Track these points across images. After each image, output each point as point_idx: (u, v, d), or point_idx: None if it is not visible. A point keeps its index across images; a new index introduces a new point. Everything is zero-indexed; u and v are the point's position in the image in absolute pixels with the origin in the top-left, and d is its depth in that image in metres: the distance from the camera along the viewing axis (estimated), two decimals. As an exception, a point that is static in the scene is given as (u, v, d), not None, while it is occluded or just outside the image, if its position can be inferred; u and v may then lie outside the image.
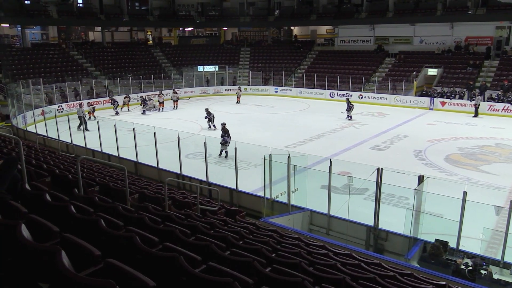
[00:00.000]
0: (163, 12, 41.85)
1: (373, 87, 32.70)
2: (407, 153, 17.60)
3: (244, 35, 47.12)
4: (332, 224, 10.23)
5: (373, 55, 36.79)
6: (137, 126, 15.28)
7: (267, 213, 10.83)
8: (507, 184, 13.81)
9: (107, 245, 3.53)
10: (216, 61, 39.35)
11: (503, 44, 32.08)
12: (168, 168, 14.04)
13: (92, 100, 28.64)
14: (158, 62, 38.95)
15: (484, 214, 9.54)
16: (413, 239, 8.98)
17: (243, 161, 15.15)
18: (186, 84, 36.22)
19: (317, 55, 39.63)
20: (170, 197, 8.59)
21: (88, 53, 35.89)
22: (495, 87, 28.37)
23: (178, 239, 4.41)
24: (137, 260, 3.35)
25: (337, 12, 39.41)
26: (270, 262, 4.44)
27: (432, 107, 28.54)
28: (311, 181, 11.24)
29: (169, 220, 5.50)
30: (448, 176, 14.58)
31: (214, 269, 3.43)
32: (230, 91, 35.98)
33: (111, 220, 4.22)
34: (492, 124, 23.27)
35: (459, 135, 20.68)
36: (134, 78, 32.72)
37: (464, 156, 17.25)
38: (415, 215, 9.03)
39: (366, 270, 5.38)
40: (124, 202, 6.70)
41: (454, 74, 31.36)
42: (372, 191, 10.38)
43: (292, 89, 35.48)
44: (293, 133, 21.18)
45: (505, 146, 18.90)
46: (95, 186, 7.73)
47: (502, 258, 7.97)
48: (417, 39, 35.63)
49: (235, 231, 6.03)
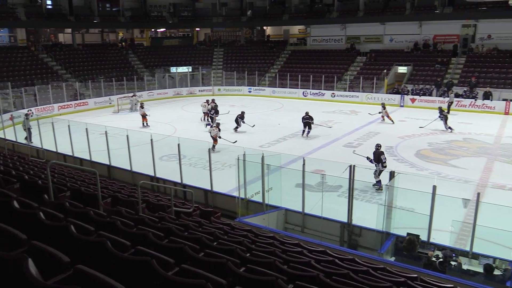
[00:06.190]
0: (135, 13, 41.31)
1: (345, 86, 33.16)
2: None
3: (217, 35, 46.99)
4: (307, 222, 10.35)
5: (345, 54, 37.31)
6: (109, 129, 15.06)
7: (242, 213, 10.86)
8: (474, 177, 14.25)
9: (77, 251, 3.48)
10: (189, 62, 39.14)
11: (469, 42, 33.08)
12: (142, 171, 13.89)
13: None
14: (130, 64, 38.43)
15: (453, 207, 9.84)
16: (385, 233, 9.18)
17: (218, 161, 15.15)
18: (159, 85, 35.85)
19: (290, 54, 39.91)
20: (143, 200, 8.51)
21: (58, 56, 35.08)
22: (462, 84, 29.22)
23: (151, 243, 4.39)
24: (109, 266, 3.32)
25: (309, 12, 39.79)
26: (244, 262, 4.47)
27: (402, 104, 29.18)
28: (285, 180, 11.33)
29: (142, 224, 5.46)
30: (419, 171, 14.94)
31: (188, 271, 3.43)
32: (204, 92, 35.87)
33: (82, 226, 4.17)
34: (460, 120, 23.94)
35: (429, 131, 21.19)
36: (106, 81, 32.18)
37: (433, 151, 17.70)
38: (387, 210, 9.24)
39: (340, 266, 5.47)
40: (97, 207, 6.60)
41: (423, 71, 32.17)
42: (345, 188, 10.54)
43: (266, 89, 35.63)
44: (267, 133, 21.26)
45: (472, 140, 19.49)
46: (66, 191, 7.58)
47: (470, 249, 8.23)
48: (387, 38, 36.35)
49: (210, 232, 6.04)
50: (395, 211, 9.48)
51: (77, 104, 29.20)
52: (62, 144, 16.51)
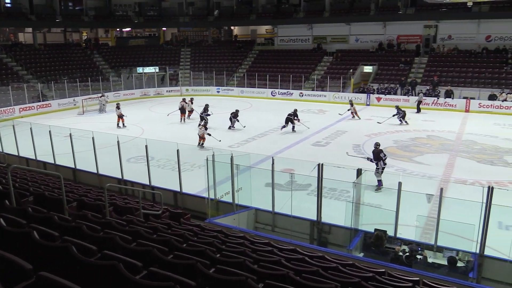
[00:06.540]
0: (99, 13, 40.41)
1: (313, 85, 33.56)
2: (346, 148, 18.21)
3: (184, 35, 46.58)
4: (277, 221, 10.39)
5: (312, 54, 37.74)
6: (74, 131, 14.66)
7: (212, 214, 10.80)
8: (438, 173, 14.72)
9: (41, 258, 3.38)
10: (156, 62, 38.61)
11: (431, 42, 34.17)
12: (109, 174, 13.58)
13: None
14: (95, 64, 37.56)
15: (418, 202, 10.11)
16: (354, 230, 9.33)
17: (187, 162, 15.01)
18: (125, 86, 35.19)
19: (257, 54, 40.02)
20: (111, 203, 8.33)
21: (19, 56, 33.88)
22: (425, 83, 30.12)
23: (119, 246, 4.30)
24: (74, 271, 3.23)
25: (276, 12, 40.04)
26: (214, 263, 4.45)
27: (368, 102, 29.79)
28: (255, 180, 11.34)
29: (109, 227, 5.35)
30: (385, 168, 15.25)
31: (156, 274, 3.38)
32: (171, 93, 35.49)
33: (46, 231, 4.04)
34: (423, 118, 24.66)
35: (394, 129, 21.73)
36: (70, 81, 31.31)
37: (399, 148, 18.16)
38: (355, 207, 9.39)
39: (310, 264, 5.53)
40: (61, 212, 6.42)
41: (388, 71, 32.96)
42: (314, 187, 10.65)
43: (234, 89, 35.61)
44: (236, 133, 21.26)
45: (435, 137, 20.12)
46: (29, 196, 7.33)
47: (435, 243, 8.49)
48: (353, 38, 37.03)
49: (179, 234, 5.98)
50: (363, 208, 9.66)
51: (39, 106, 28.30)
52: (24, 148, 15.93)
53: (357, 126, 22.75)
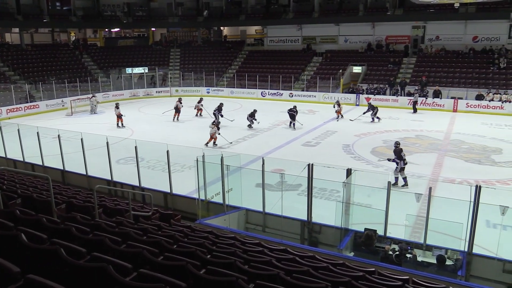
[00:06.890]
0: (87, 13, 40.05)
1: (302, 86, 33.65)
2: (336, 148, 18.32)
3: (173, 35, 46.41)
4: (268, 221, 10.40)
5: (301, 54, 37.86)
6: (63, 132, 14.53)
7: (202, 215, 10.76)
8: (426, 172, 14.86)
9: (29, 260, 3.34)
10: (145, 62, 38.42)
11: (419, 42, 34.47)
12: (98, 175, 13.47)
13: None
14: (83, 65, 37.24)
15: (408, 202, 10.20)
16: (344, 230, 9.36)
17: (177, 163, 14.94)
18: (114, 87, 34.95)
19: (247, 55, 40.03)
20: (100, 205, 8.27)
21: (5, 56, 33.49)
22: (414, 83, 30.38)
23: (109, 248, 4.27)
24: (63, 274, 3.20)
25: (265, 12, 40.09)
26: (205, 264, 4.43)
27: (358, 103, 29.94)
28: (245, 180, 11.34)
29: (98, 229, 5.30)
30: (374, 168, 15.40)
31: (146, 276, 3.36)
32: (161, 93, 35.33)
33: (34, 234, 4.00)
34: (412, 117, 24.86)
35: (383, 129, 21.87)
36: (58, 82, 31.00)
37: (388, 148, 18.23)
38: (345, 207, 9.42)
39: (300, 264, 5.54)
40: (50, 214, 6.35)
41: (377, 71, 33.20)
42: (305, 187, 10.66)
43: (224, 89, 35.56)
44: (227, 133, 21.20)
45: (424, 137, 20.30)
46: (16, 198, 7.26)
47: (424, 241, 8.56)
48: (342, 39, 37.23)
49: (169, 235, 5.95)
50: (352, 208, 9.69)
51: (27, 107, 27.98)
52: (12, 149, 15.76)
53: (347, 126, 22.85)
